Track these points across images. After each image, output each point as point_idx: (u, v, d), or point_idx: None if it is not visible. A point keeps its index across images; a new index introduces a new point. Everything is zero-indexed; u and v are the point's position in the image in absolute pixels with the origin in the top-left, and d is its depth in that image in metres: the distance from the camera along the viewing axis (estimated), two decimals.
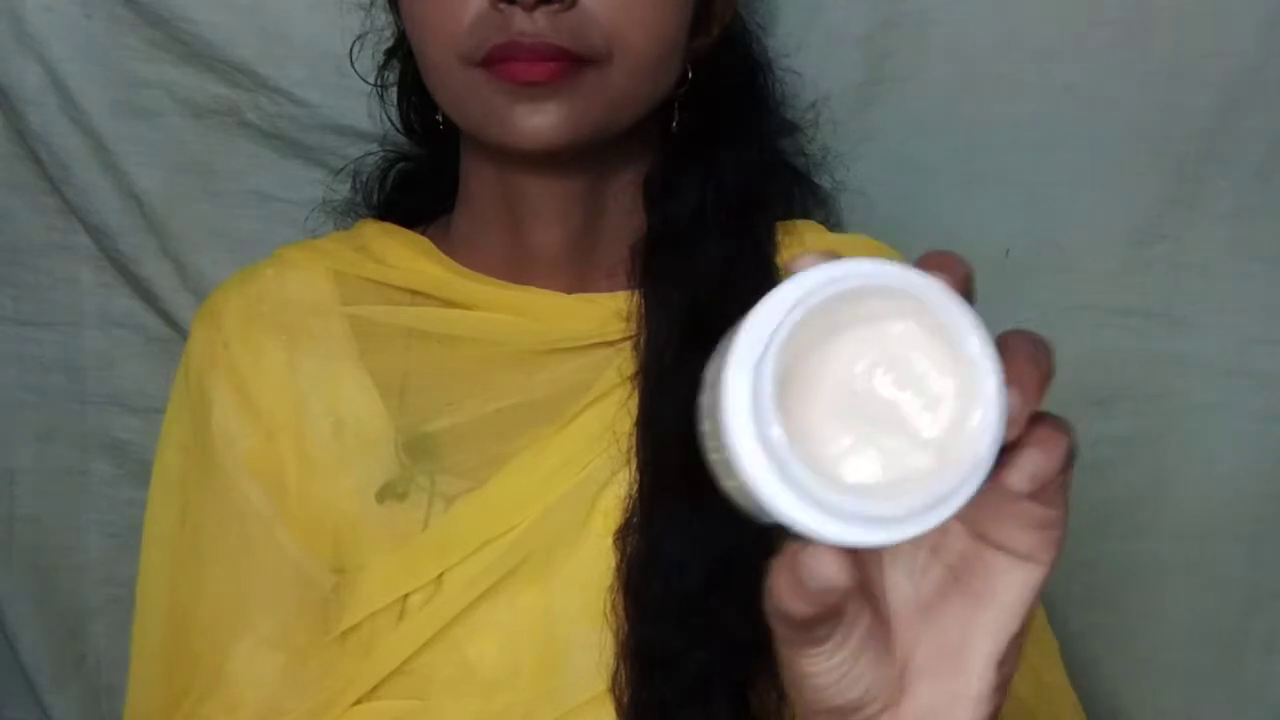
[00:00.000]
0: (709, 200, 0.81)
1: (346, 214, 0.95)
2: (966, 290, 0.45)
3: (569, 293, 0.81)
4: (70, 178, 1.02)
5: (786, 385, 0.42)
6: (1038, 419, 0.45)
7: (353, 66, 0.92)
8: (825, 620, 0.46)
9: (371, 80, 0.93)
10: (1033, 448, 0.44)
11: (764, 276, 0.82)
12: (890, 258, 0.85)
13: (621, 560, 0.75)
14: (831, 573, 0.44)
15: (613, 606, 0.74)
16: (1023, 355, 0.44)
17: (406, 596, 0.76)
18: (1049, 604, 0.97)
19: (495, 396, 0.79)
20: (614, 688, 0.73)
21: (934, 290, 0.42)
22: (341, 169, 0.97)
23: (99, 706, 1.11)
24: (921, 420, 0.43)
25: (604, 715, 0.74)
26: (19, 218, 1.06)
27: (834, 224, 0.94)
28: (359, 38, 0.92)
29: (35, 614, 1.10)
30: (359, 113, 0.96)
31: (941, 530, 0.45)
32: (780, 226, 0.85)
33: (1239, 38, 0.91)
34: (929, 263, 0.44)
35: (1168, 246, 0.94)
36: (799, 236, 0.84)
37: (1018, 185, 0.96)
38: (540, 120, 0.73)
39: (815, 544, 0.43)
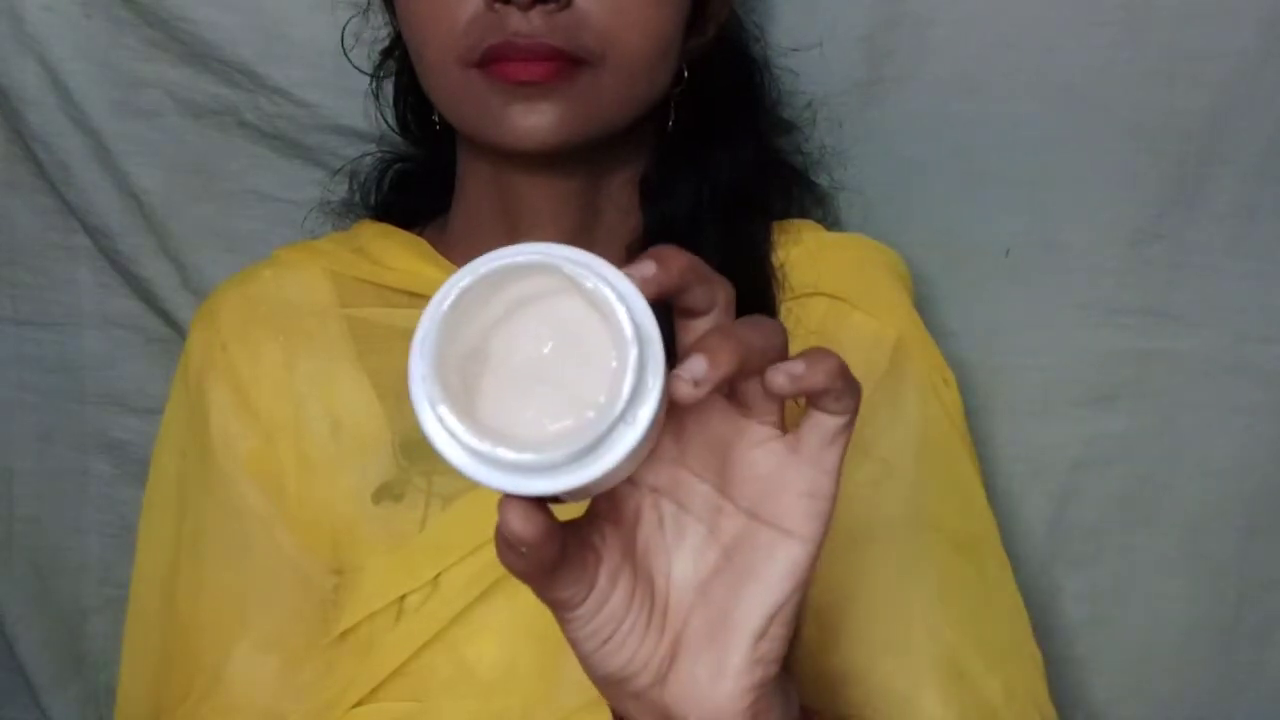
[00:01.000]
0: (705, 200, 0.81)
1: (345, 214, 0.95)
2: (684, 282, 0.48)
3: None
4: (70, 178, 1.02)
5: (479, 359, 0.48)
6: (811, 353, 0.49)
7: (348, 58, 0.92)
8: (541, 574, 0.50)
9: (368, 79, 0.93)
10: (799, 359, 0.48)
11: (761, 276, 0.82)
12: (888, 257, 0.86)
13: None
14: (516, 524, 0.48)
15: None
16: (717, 331, 0.48)
17: (404, 597, 0.76)
18: (1049, 598, 0.98)
19: None
20: None
21: (587, 271, 0.46)
22: (339, 169, 0.97)
23: (98, 706, 1.11)
24: (591, 385, 0.47)
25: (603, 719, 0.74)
26: (19, 218, 1.06)
27: (832, 223, 0.93)
28: (347, 25, 0.92)
29: (35, 614, 1.11)
30: (358, 113, 0.96)
31: (714, 511, 0.52)
32: (777, 226, 0.85)
33: (1239, 38, 0.90)
34: (645, 255, 0.48)
35: (1166, 246, 0.94)
36: (796, 235, 0.84)
37: (1017, 185, 0.95)
38: (536, 120, 0.73)
39: (505, 499, 0.48)
